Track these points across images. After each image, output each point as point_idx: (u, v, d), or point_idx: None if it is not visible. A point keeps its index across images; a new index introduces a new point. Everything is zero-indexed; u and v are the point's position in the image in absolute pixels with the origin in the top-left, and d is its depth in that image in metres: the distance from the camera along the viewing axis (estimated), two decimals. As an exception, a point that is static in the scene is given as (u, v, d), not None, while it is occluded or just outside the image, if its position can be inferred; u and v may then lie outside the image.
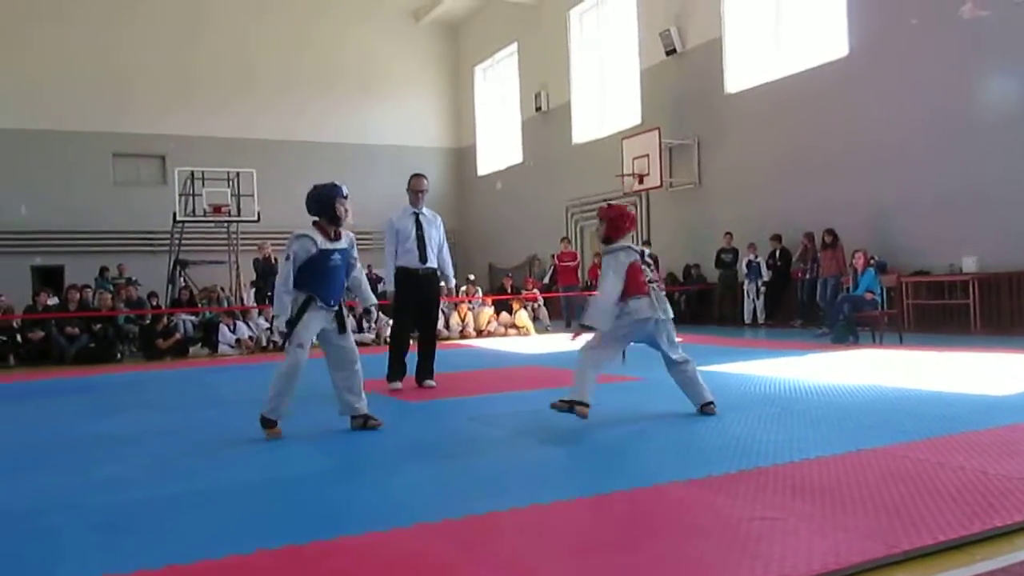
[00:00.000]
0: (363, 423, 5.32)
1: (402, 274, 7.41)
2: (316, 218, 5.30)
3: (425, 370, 7.51)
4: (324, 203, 5.24)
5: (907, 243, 12.34)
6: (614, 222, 5.44)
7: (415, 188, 7.52)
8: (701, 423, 5.11)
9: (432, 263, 7.44)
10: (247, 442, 5.09)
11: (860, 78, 13.04)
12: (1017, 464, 3.71)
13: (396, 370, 7.44)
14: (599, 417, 5.49)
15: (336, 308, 5.25)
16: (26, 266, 19.84)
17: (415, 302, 7.48)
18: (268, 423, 5.12)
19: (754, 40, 15.52)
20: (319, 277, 5.13)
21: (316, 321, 5.16)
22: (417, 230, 7.38)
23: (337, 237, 5.27)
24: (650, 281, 5.35)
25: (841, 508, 3.13)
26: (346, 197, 5.30)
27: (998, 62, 11.23)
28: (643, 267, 5.32)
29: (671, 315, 5.47)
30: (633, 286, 5.24)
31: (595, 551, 2.81)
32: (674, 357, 5.46)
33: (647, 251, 5.52)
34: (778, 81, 14.62)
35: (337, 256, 5.22)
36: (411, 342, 7.68)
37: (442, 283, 7.89)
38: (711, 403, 5.40)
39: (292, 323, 5.06)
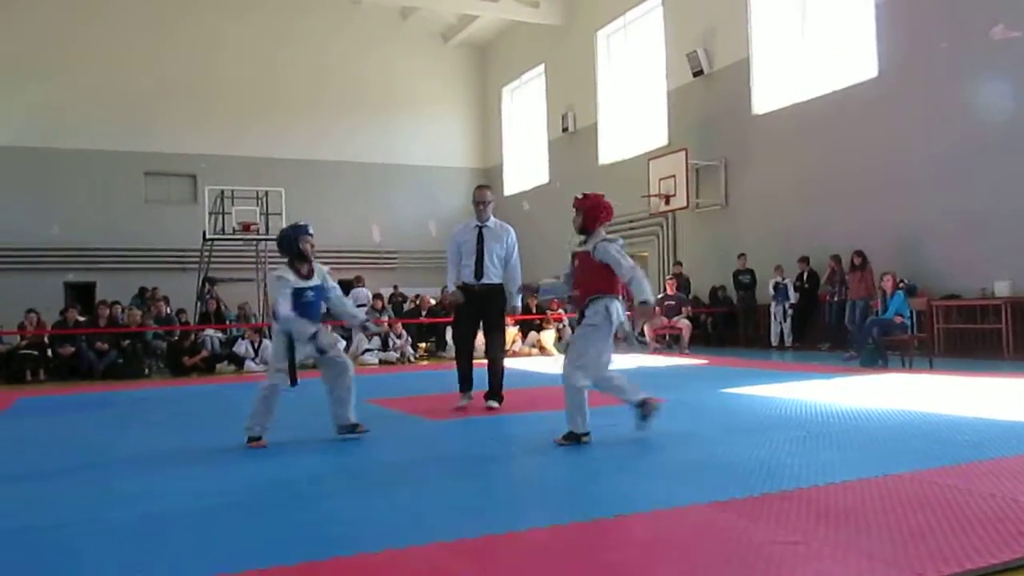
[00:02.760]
0: (351, 430, 5.61)
1: (462, 290, 7.22)
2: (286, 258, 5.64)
3: (490, 389, 7.26)
4: (290, 243, 5.55)
5: (938, 266, 12.18)
6: (591, 212, 5.37)
7: (475, 200, 7.39)
8: (724, 445, 5.05)
9: (491, 278, 7.15)
10: (267, 458, 5.11)
11: (889, 99, 12.95)
12: (1049, 491, 3.63)
13: (462, 387, 7.27)
14: (621, 437, 5.46)
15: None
16: (59, 282, 20.12)
17: (474, 319, 7.27)
18: (252, 439, 5.41)
19: (782, 61, 15.48)
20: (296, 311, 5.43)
21: (295, 350, 5.46)
22: (478, 244, 7.17)
23: (309, 275, 5.55)
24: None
25: (866, 533, 3.08)
26: (311, 234, 5.62)
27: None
28: None
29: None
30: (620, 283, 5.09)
31: (613, 575, 2.78)
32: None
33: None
34: (807, 102, 14.55)
35: (310, 293, 5.52)
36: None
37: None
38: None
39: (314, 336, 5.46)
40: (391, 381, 11.03)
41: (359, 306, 16.27)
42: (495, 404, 7.23)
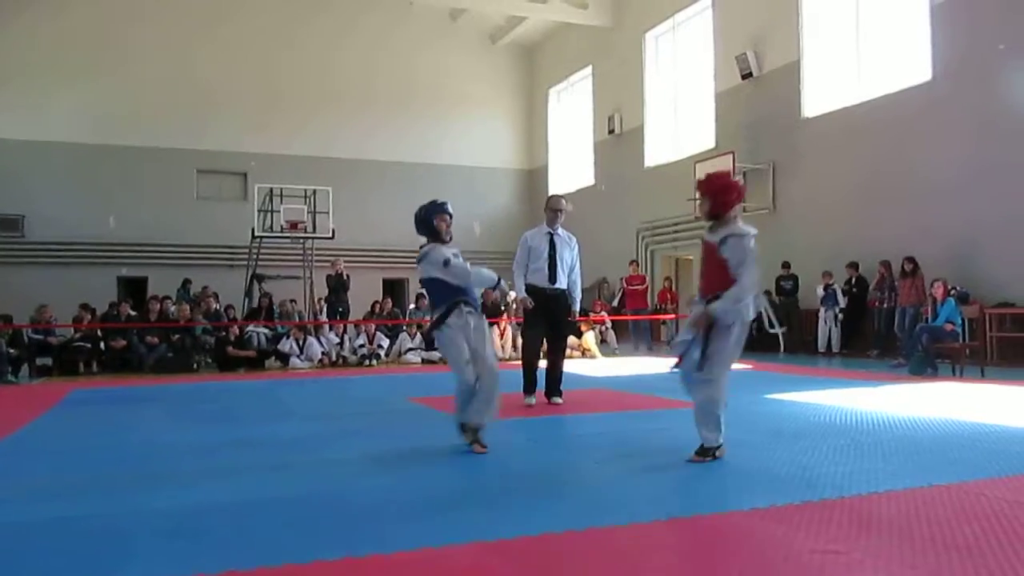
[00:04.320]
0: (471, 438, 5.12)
1: (530, 292, 7.46)
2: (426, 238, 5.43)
3: (552, 387, 7.56)
4: (425, 222, 5.39)
5: (992, 273, 11.90)
6: (720, 196, 4.62)
7: (553, 207, 7.59)
8: (766, 451, 4.99)
9: (561, 284, 7.46)
10: (310, 454, 5.17)
11: (943, 103, 12.69)
12: (1102, 507, 3.53)
13: (529, 388, 7.52)
14: (662, 442, 5.43)
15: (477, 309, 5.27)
16: (113, 277, 20.59)
17: (544, 320, 7.51)
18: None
19: (833, 64, 15.24)
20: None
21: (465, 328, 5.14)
22: (550, 250, 7.44)
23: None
24: None
25: (909, 545, 3.03)
26: (449, 213, 5.44)
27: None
28: None
29: None
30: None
31: (650, 577, 2.77)
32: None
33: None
34: (858, 106, 14.31)
35: (459, 260, 5.36)
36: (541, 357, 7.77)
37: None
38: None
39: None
40: (434, 380, 11.07)
41: None
42: (559, 400, 7.50)
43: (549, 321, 7.51)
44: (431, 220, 5.34)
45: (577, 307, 7.89)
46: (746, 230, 4.52)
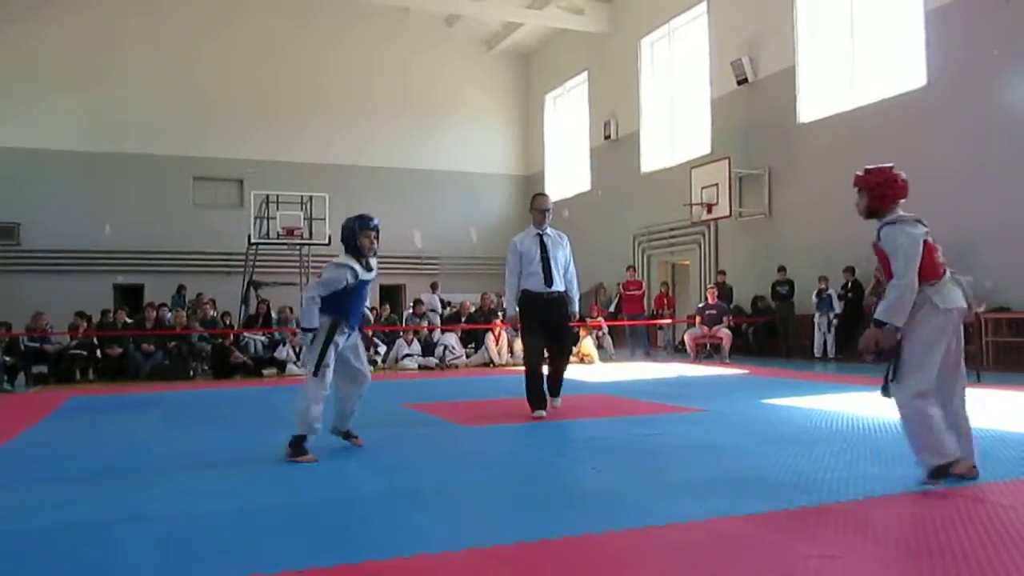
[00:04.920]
0: (345, 436, 5.56)
1: (527, 298, 7.19)
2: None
3: (553, 389, 7.30)
4: (350, 236, 5.30)
5: (988, 278, 11.90)
6: (877, 190, 4.36)
7: (539, 207, 7.37)
8: (762, 456, 4.99)
9: (559, 286, 7.16)
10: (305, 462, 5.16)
11: (938, 108, 12.72)
12: (1097, 511, 3.53)
13: (536, 398, 7.14)
14: (657, 448, 5.43)
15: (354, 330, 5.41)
16: (109, 284, 20.56)
17: (543, 326, 7.19)
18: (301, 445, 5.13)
19: (829, 70, 15.28)
20: (349, 303, 5.26)
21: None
22: (542, 252, 7.16)
23: (369, 269, 5.33)
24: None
25: (905, 549, 3.03)
26: (374, 228, 5.32)
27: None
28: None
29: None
30: (929, 268, 4.06)
31: (646, 583, 2.77)
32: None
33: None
34: (853, 111, 14.34)
35: (366, 288, 5.40)
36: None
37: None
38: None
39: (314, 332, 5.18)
40: (429, 387, 11.07)
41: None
42: (557, 403, 7.33)
43: (550, 328, 7.19)
44: (355, 238, 5.27)
45: (576, 307, 7.53)
46: (904, 216, 4.16)
